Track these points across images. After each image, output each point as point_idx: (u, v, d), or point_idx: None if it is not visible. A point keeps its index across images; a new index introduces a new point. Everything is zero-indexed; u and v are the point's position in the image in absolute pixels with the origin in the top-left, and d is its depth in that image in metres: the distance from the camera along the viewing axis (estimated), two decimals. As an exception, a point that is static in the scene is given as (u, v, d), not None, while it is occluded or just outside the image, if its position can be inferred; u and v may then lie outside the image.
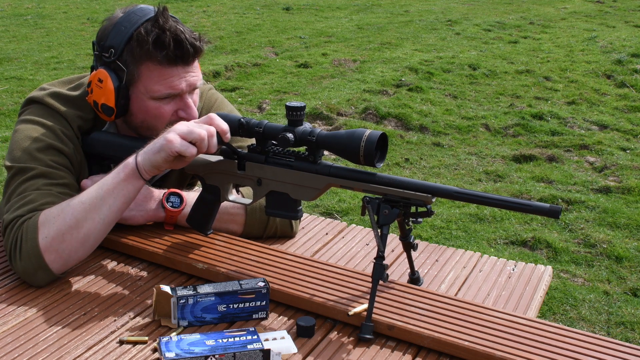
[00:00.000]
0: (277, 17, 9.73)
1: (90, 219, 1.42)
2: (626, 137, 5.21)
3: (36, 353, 1.23)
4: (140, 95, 1.57)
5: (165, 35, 1.51)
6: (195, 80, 1.59)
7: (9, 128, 5.06)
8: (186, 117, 1.58)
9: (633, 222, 3.82)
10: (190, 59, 1.55)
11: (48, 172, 1.52)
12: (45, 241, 1.40)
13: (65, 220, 1.41)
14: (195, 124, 1.42)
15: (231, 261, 1.52)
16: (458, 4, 11.21)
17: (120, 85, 1.55)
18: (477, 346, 1.25)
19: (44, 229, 1.41)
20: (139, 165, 1.42)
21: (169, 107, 1.59)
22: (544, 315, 2.98)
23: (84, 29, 8.75)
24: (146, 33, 1.51)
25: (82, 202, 1.43)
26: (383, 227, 1.34)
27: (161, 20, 1.52)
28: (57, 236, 1.40)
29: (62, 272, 1.45)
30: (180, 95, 1.58)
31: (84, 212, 1.42)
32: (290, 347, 1.27)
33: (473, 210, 3.91)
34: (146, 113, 1.59)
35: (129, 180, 1.44)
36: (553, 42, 8.32)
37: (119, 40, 1.54)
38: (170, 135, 1.39)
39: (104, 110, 1.57)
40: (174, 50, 1.51)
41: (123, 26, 1.54)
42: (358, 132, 1.33)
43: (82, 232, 1.42)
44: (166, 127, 1.58)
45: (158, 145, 1.40)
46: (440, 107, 5.78)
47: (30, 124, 1.58)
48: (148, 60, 1.53)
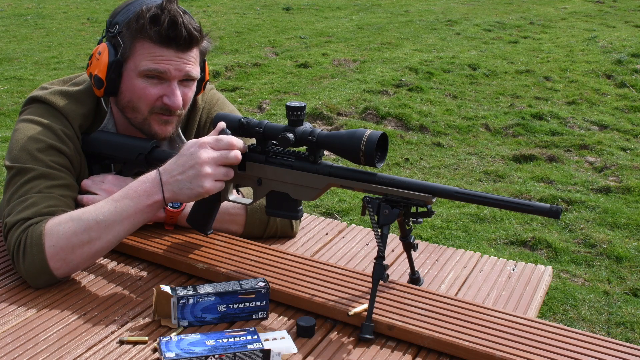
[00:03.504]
0: (277, 17, 9.73)
1: (104, 239, 1.42)
2: (626, 137, 5.21)
3: (36, 353, 1.23)
4: (130, 73, 1.57)
5: (163, 14, 1.52)
6: (187, 69, 1.57)
7: (9, 128, 5.06)
8: (170, 104, 1.57)
9: (633, 222, 3.82)
10: (182, 42, 1.54)
11: (48, 173, 1.52)
12: (52, 250, 1.40)
13: (77, 234, 1.40)
14: (222, 156, 1.41)
15: (231, 261, 1.52)
16: (458, 4, 11.21)
17: (115, 59, 1.56)
18: (477, 346, 1.25)
19: (52, 237, 1.40)
20: (166, 200, 1.43)
21: (155, 90, 1.57)
22: (544, 315, 2.98)
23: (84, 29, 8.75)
24: (146, 10, 1.53)
25: (98, 222, 1.41)
26: (383, 227, 1.34)
27: (165, 3, 1.53)
28: (67, 248, 1.40)
29: (64, 277, 1.46)
30: (169, 80, 1.57)
31: (99, 231, 1.41)
32: (290, 347, 1.27)
33: (473, 210, 3.91)
34: (132, 92, 1.58)
35: (152, 210, 1.44)
36: (553, 42, 8.32)
37: (124, 17, 1.57)
38: (209, 184, 1.40)
39: (95, 83, 1.57)
40: (167, 29, 1.51)
41: (133, 6, 1.57)
42: (358, 132, 1.33)
43: (95, 249, 1.42)
44: (150, 112, 1.58)
45: (187, 182, 1.40)
46: (440, 107, 5.78)
47: (30, 124, 1.58)
48: (142, 36, 1.53)
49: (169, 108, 1.58)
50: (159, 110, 1.59)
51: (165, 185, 1.42)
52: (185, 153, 1.42)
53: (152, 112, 1.60)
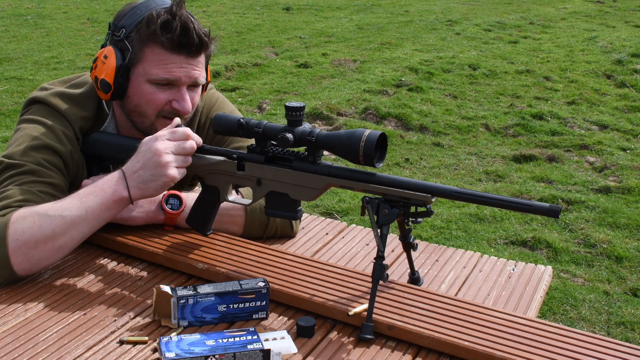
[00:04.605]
0: (277, 17, 9.73)
1: (69, 235, 1.41)
2: (626, 137, 5.21)
3: (36, 353, 1.23)
4: (138, 77, 1.57)
5: (175, 20, 1.52)
6: (196, 75, 1.58)
7: (9, 128, 5.06)
8: (179, 109, 1.58)
9: (633, 222, 3.82)
10: (194, 49, 1.55)
11: (36, 170, 1.51)
12: (15, 244, 1.38)
13: (41, 229, 1.39)
14: (180, 146, 1.45)
15: (231, 261, 1.52)
16: (458, 4, 11.21)
17: (123, 63, 1.56)
18: (477, 346, 1.25)
19: (16, 232, 1.38)
20: (132, 196, 1.43)
21: (164, 95, 1.58)
22: (544, 315, 2.98)
23: (84, 29, 8.75)
24: (157, 16, 1.53)
25: (63, 217, 1.40)
26: (383, 227, 1.34)
27: (175, 8, 1.54)
28: (30, 242, 1.39)
29: (25, 276, 1.44)
30: (178, 86, 1.58)
31: (63, 227, 1.40)
32: (290, 347, 1.27)
33: (473, 210, 3.91)
34: (140, 97, 1.58)
35: (117, 206, 1.45)
36: (553, 42, 8.32)
37: (131, 21, 1.56)
38: (170, 171, 1.42)
39: (102, 87, 1.57)
40: (179, 36, 1.52)
41: (139, 10, 1.57)
42: (358, 132, 1.33)
43: (58, 244, 1.41)
44: (157, 116, 1.59)
45: (149, 174, 1.42)
46: (440, 107, 5.78)
47: (32, 124, 1.59)
48: (152, 42, 1.53)
49: (179, 113, 1.58)
50: (166, 114, 1.60)
51: (130, 181, 1.43)
52: (142, 149, 1.44)
53: (159, 117, 1.60)
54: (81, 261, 1.57)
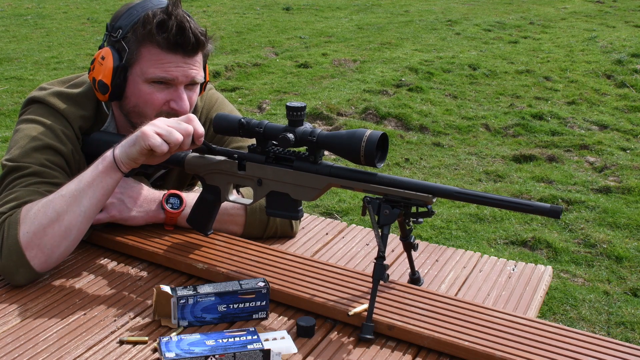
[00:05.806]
0: (277, 17, 9.73)
1: (71, 211, 1.42)
2: (626, 137, 5.21)
3: (36, 353, 1.23)
4: (136, 78, 1.57)
5: (170, 20, 1.52)
6: (193, 74, 1.58)
7: (9, 128, 5.06)
8: (177, 108, 1.58)
9: (633, 222, 3.82)
10: (190, 48, 1.55)
11: (41, 171, 1.52)
12: (26, 236, 1.40)
13: (46, 214, 1.41)
14: (175, 121, 1.43)
15: (231, 261, 1.52)
16: (458, 4, 11.21)
17: (120, 64, 1.56)
18: (477, 346, 1.25)
19: (25, 224, 1.41)
20: (117, 158, 1.43)
21: (162, 95, 1.58)
22: (544, 315, 2.98)
23: (84, 29, 8.75)
24: (153, 16, 1.53)
25: (62, 196, 1.43)
26: (384, 227, 1.34)
27: (171, 8, 1.54)
28: (39, 231, 1.40)
29: (44, 270, 1.44)
30: (175, 85, 1.58)
31: (64, 204, 1.42)
32: (290, 347, 1.27)
33: (473, 210, 3.91)
34: (138, 97, 1.59)
35: (107, 172, 1.45)
36: (553, 42, 8.32)
37: (127, 22, 1.56)
38: (147, 128, 1.40)
39: (99, 88, 1.57)
40: (175, 36, 1.52)
41: (135, 10, 1.57)
42: (359, 133, 1.33)
43: (64, 225, 1.42)
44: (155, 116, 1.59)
45: (134, 137, 1.42)
46: (440, 107, 5.78)
47: (31, 124, 1.59)
48: (149, 42, 1.53)
49: (177, 112, 1.58)
50: (165, 114, 1.59)
51: (116, 148, 1.44)
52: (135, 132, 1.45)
53: (157, 117, 1.60)
54: (81, 261, 1.57)
